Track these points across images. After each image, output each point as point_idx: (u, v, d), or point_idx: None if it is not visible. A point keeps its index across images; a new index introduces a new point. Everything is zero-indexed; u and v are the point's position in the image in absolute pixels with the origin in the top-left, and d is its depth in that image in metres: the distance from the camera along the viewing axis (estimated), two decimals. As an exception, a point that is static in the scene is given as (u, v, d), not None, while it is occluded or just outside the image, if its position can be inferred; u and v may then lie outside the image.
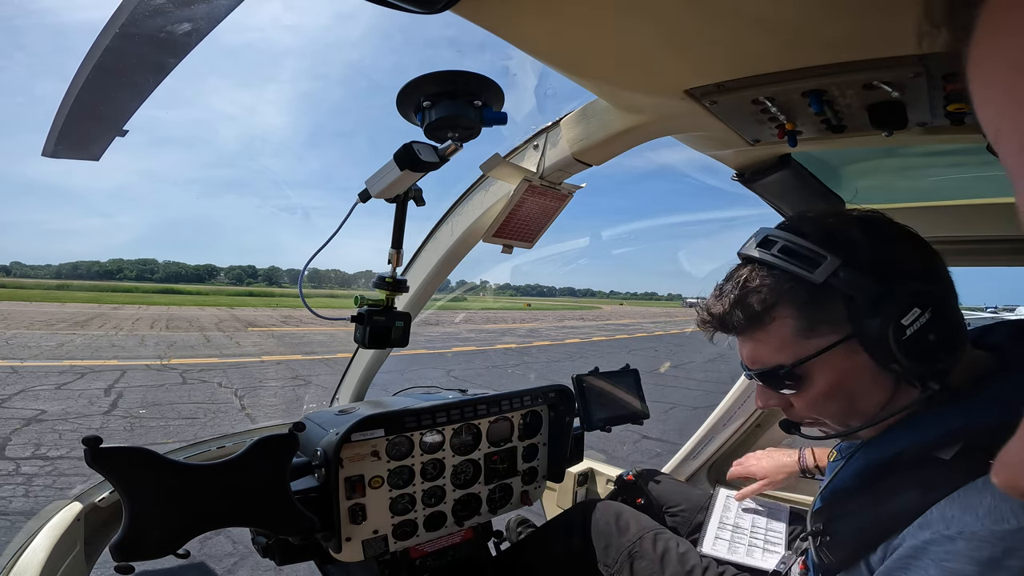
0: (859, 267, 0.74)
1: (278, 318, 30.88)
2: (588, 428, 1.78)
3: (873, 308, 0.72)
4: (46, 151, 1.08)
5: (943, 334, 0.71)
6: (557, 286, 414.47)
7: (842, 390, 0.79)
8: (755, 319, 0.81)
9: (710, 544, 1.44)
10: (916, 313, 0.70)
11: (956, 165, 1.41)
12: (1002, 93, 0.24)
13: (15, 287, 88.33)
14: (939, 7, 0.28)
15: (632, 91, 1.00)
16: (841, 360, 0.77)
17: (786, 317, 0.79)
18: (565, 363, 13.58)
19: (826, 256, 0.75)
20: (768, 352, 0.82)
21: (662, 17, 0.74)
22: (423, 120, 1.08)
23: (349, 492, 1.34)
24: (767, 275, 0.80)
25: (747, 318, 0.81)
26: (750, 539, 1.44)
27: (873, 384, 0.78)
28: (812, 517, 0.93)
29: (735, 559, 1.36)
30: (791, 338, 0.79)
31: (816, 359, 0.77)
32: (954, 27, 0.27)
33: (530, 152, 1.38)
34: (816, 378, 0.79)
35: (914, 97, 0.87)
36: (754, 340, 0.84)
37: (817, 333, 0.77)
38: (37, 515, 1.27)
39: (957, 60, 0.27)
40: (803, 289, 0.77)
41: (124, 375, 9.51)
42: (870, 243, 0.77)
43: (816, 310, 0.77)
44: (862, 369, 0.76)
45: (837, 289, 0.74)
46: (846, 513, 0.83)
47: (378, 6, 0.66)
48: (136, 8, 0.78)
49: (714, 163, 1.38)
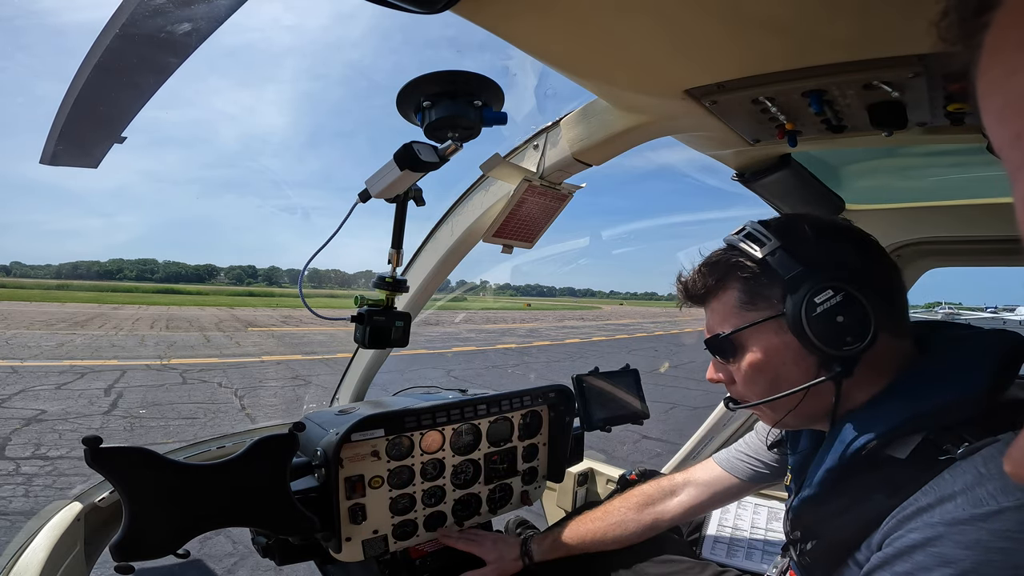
0: (794, 252, 0.83)
1: (278, 318, 30.88)
2: (588, 428, 1.78)
3: (794, 285, 0.81)
4: (44, 158, 1.08)
5: (852, 319, 0.77)
6: (557, 286, 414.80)
7: (769, 365, 0.86)
8: (711, 288, 0.91)
9: (709, 548, 1.44)
10: (828, 294, 0.78)
11: (956, 165, 1.41)
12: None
13: (15, 287, 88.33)
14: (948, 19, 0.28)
15: (632, 91, 1.00)
16: (771, 336, 0.85)
17: (732, 289, 0.89)
18: (565, 363, 13.58)
19: (770, 239, 0.85)
20: (716, 321, 0.92)
21: (662, 17, 0.74)
22: (423, 120, 1.08)
23: (349, 492, 1.34)
24: (725, 252, 0.91)
25: (703, 287, 0.92)
26: (749, 542, 1.44)
27: (795, 365, 0.84)
28: (787, 524, 0.95)
29: (736, 563, 1.36)
30: (734, 309, 0.88)
31: (750, 330, 0.86)
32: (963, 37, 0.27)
33: (530, 152, 1.38)
34: (749, 349, 0.87)
35: (914, 97, 0.87)
36: (710, 310, 0.94)
37: (755, 307, 0.86)
38: (37, 515, 1.27)
39: (960, 62, 0.27)
40: (747, 265, 0.86)
41: (124, 375, 9.51)
42: (815, 235, 0.85)
43: (756, 286, 0.86)
44: (787, 348, 0.84)
45: (773, 269, 0.83)
46: (819, 519, 0.85)
47: (378, 6, 0.66)
48: (136, 8, 0.78)
49: (714, 163, 1.38)
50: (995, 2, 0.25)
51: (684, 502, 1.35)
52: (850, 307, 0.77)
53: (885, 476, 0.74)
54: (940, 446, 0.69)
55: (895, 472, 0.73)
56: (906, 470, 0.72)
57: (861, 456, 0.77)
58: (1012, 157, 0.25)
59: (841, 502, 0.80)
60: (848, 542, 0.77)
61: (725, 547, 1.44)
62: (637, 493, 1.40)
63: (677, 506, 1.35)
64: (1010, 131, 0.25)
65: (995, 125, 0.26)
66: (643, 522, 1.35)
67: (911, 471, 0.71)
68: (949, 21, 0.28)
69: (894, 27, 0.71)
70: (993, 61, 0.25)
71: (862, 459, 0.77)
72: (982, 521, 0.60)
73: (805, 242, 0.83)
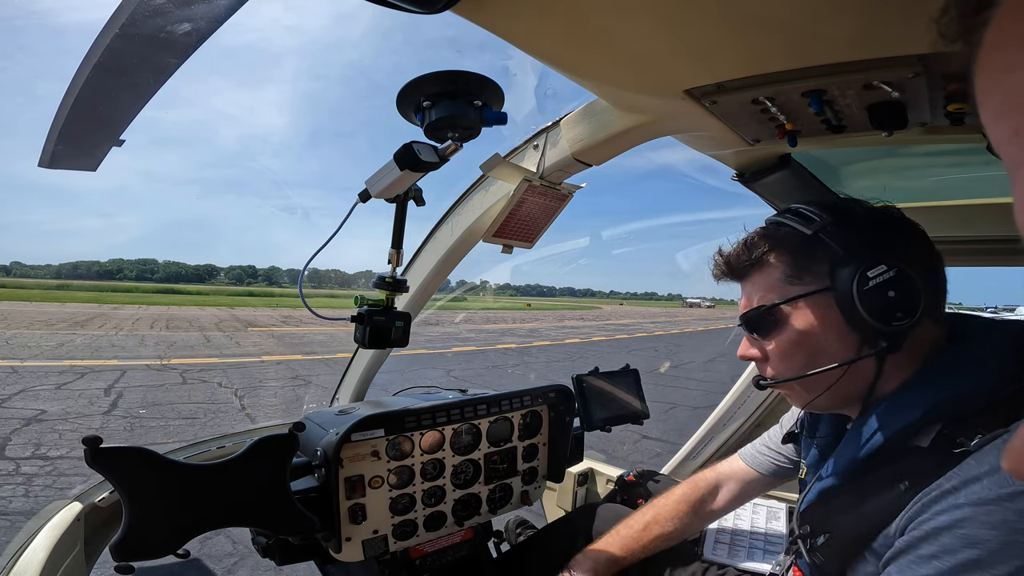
0: (846, 228, 0.84)
1: (278, 318, 30.89)
2: (588, 428, 1.78)
3: (847, 259, 0.81)
4: (43, 162, 1.07)
5: (902, 295, 0.77)
6: (557, 286, 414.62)
7: (809, 340, 0.85)
8: (754, 261, 0.91)
9: (710, 548, 1.44)
10: (882, 268, 0.78)
11: (956, 165, 1.41)
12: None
13: (15, 287, 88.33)
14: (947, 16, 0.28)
15: (632, 91, 1.00)
16: (815, 310, 0.85)
17: (779, 263, 0.89)
18: (565, 363, 13.58)
19: (822, 216, 0.86)
20: (758, 294, 0.91)
21: (662, 17, 0.74)
22: (423, 120, 1.08)
23: (349, 492, 1.34)
24: (771, 227, 0.92)
25: (748, 260, 0.92)
26: (750, 541, 1.44)
27: (839, 342, 0.84)
28: (798, 519, 0.94)
29: (737, 563, 1.36)
30: (778, 282, 0.88)
31: (794, 303, 0.86)
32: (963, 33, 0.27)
33: (530, 152, 1.38)
34: (790, 323, 0.87)
35: (914, 97, 0.87)
36: (751, 283, 0.93)
37: (801, 281, 0.86)
38: (37, 515, 1.27)
39: (960, 61, 0.27)
40: (796, 239, 0.87)
41: (124, 375, 9.51)
42: (866, 215, 0.87)
43: (803, 259, 0.86)
44: (831, 323, 0.83)
45: (824, 243, 0.84)
46: (837, 511, 0.84)
47: (378, 6, 0.67)
48: (136, 9, 0.78)
49: (714, 163, 1.38)
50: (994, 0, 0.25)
51: (722, 501, 1.35)
52: (902, 283, 0.77)
53: (907, 466, 0.74)
54: (954, 439, 0.70)
55: (916, 462, 0.73)
56: (927, 460, 0.72)
57: (889, 444, 0.77)
58: (1011, 153, 0.25)
59: (861, 492, 0.80)
60: (864, 534, 0.77)
61: (726, 547, 1.44)
62: (678, 498, 1.34)
63: (717, 506, 1.36)
64: (1009, 127, 0.25)
65: (994, 121, 0.26)
66: (704, 519, 1.36)
67: (932, 461, 0.71)
68: (949, 18, 0.28)
69: (894, 27, 0.71)
70: (992, 57, 0.26)
71: (889, 447, 0.77)
72: (1008, 501, 0.60)
73: (857, 221, 0.85)
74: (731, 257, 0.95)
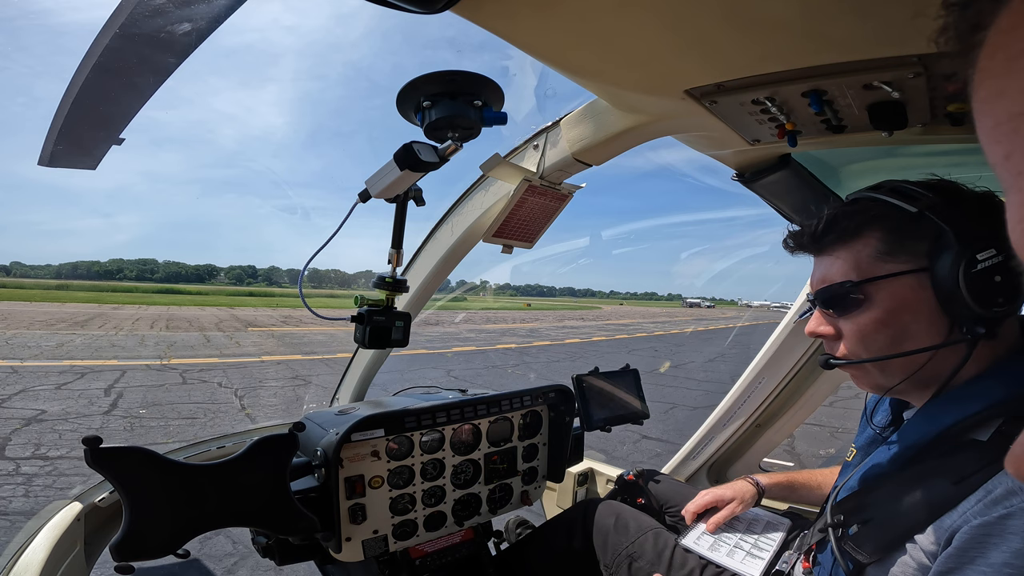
0: (954, 208, 0.78)
1: (278, 318, 30.89)
2: (588, 428, 1.78)
3: (957, 239, 0.75)
4: (43, 160, 1.08)
5: (1009, 281, 0.74)
6: (557, 286, 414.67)
7: (897, 321, 0.81)
8: (843, 234, 0.85)
9: (694, 538, 1.41)
10: (992, 252, 0.74)
11: (956, 165, 1.41)
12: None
13: (15, 287, 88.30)
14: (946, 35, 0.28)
15: (632, 91, 1.00)
16: (907, 291, 0.80)
17: (871, 239, 0.83)
18: (565, 363, 13.57)
19: (927, 194, 0.80)
20: (843, 269, 0.85)
21: (662, 17, 0.74)
22: (423, 120, 1.08)
23: (349, 492, 1.34)
24: (864, 202, 0.86)
25: (837, 232, 0.86)
26: (738, 542, 1.42)
27: (928, 325, 0.79)
28: (833, 509, 0.90)
29: (714, 558, 1.34)
30: (869, 259, 0.83)
31: (883, 282, 0.81)
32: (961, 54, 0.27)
33: (530, 152, 1.38)
34: (876, 302, 0.82)
35: (914, 97, 0.87)
36: (833, 256, 0.87)
37: (895, 260, 0.81)
38: (37, 515, 1.27)
39: (959, 64, 0.27)
40: (896, 216, 0.81)
41: (124, 375, 9.51)
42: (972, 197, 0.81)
43: (901, 237, 0.81)
44: (922, 306, 0.79)
45: (929, 222, 0.78)
46: (882, 500, 0.81)
47: (378, 6, 0.67)
48: (136, 8, 0.78)
49: (714, 163, 1.38)
50: (987, 23, 0.25)
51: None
52: (1009, 268, 0.74)
53: (962, 459, 0.72)
54: (1010, 435, 0.68)
55: (972, 456, 0.71)
56: (983, 454, 0.70)
57: (946, 435, 0.75)
58: (1004, 175, 0.26)
59: (908, 482, 0.77)
60: (907, 525, 0.75)
61: (711, 539, 1.42)
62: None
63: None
64: (1001, 151, 0.26)
65: (988, 143, 0.27)
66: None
67: (989, 455, 0.70)
68: (948, 37, 0.28)
69: (894, 27, 0.71)
70: (983, 82, 0.26)
71: (946, 438, 0.75)
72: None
73: (963, 202, 0.80)
74: (815, 228, 0.89)
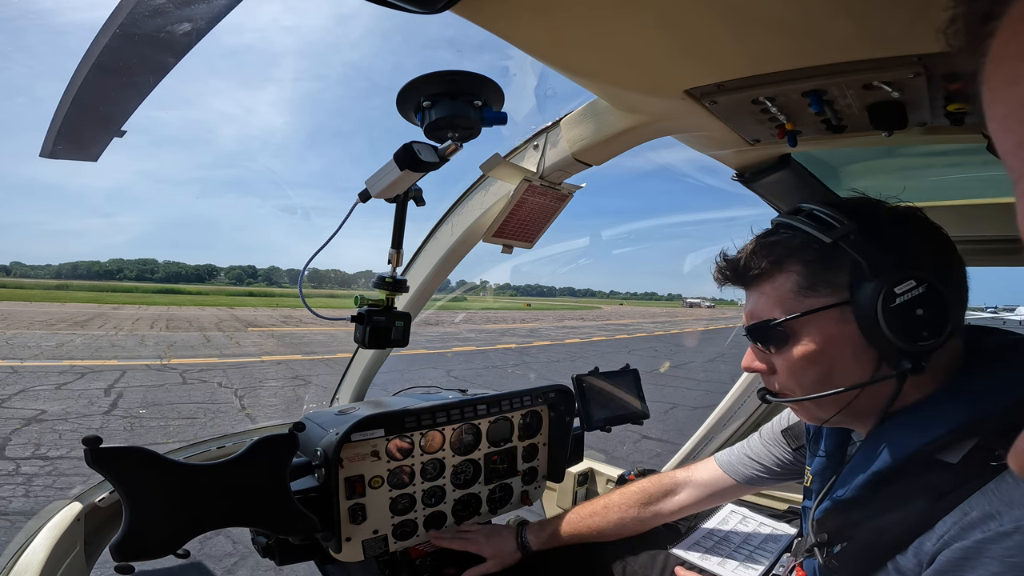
0: (871, 237, 0.76)
1: (278, 318, 30.87)
2: (588, 428, 1.77)
3: (872, 272, 0.74)
4: (44, 151, 1.08)
5: (931, 313, 0.72)
6: (557, 286, 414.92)
7: (824, 356, 0.80)
8: (763, 271, 0.84)
9: (688, 545, 1.42)
10: (911, 284, 0.72)
11: (956, 165, 1.41)
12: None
13: (15, 287, 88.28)
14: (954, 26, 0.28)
15: (632, 91, 1.00)
16: (831, 325, 0.79)
17: (791, 272, 0.81)
18: (565, 363, 13.58)
19: (843, 221, 0.78)
20: (767, 305, 0.84)
21: (662, 17, 0.74)
22: (423, 120, 1.08)
23: (349, 492, 1.34)
24: (785, 233, 0.84)
25: (756, 269, 0.85)
26: (732, 552, 1.41)
27: (855, 359, 0.78)
28: (815, 527, 0.91)
29: (706, 566, 1.34)
30: (790, 294, 0.81)
31: (807, 317, 0.79)
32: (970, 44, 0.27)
33: (530, 152, 1.38)
34: (802, 338, 0.81)
35: (914, 97, 0.87)
36: (759, 292, 0.86)
37: (816, 293, 0.80)
38: (37, 515, 1.27)
39: (964, 66, 0.27)
40: (813, 248, 0.80)
41: (124, 375, 9.51)
42: (891, 221, 0.79)
43: (820, 270, 0.79)
44: (848, 340, 0.78)
45: (845, 253, 0.77)
46: (857, 523, 0.81)
47: (378, 6, 0.67)
48: (135, 7, 0.78)
49: (714, 163, 1.38)
50: (1000, 12, 0.25)
51: (683, 501, 1.36)
52: (931, 300, 0.72)
53: (933, 480, 0.71)
54: (993, 451, 0.67)
55: (943, 477, 0.70)
56: (955, 475, 0.69)
57: (914, 459, 0.74)
58: (1015, 164, 0.26)
59: (882, 506, 0.77)
60: (888, 546, 0.74)
61: (703, 550, 1.42)
62: (637, 490, 1.40)
63: (676, 505, 1.36)
64: (1013, 139, 0.25)
65: (999, 132, 0.27)
66: (643, 519, 1.36)
67: (961, 476, 0.69)
68: (956, 28, 0.28)
69: (894, 27, 0.71)
70: (996, 70, 0.26)
71: (914, 462, 0.74)
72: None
73: (882, 227, 0.77)
74: (737, 263, 0.88)
